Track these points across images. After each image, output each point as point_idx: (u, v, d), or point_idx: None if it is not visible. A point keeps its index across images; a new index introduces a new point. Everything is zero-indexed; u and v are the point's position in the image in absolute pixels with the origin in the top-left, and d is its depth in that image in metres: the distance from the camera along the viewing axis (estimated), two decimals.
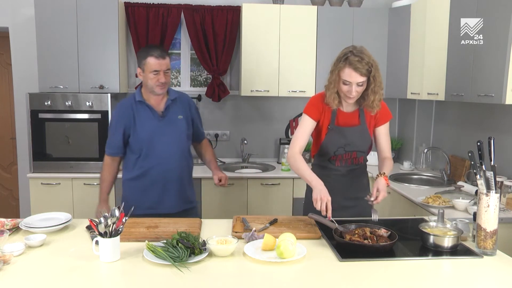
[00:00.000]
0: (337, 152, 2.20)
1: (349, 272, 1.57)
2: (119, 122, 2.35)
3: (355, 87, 2.03)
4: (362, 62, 1.98)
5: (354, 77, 2.00)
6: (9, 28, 3.84)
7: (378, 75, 2.06)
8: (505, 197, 2.54)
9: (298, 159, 2.13)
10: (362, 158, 2.27)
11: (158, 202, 2.36)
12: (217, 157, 4.04)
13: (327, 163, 2.24)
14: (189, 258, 1.60)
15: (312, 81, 3.76)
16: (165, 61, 2.28)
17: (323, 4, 3.86)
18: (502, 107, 2.86)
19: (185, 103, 2.48)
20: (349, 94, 2.05)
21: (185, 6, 3.83)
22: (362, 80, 2.02)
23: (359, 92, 2.07)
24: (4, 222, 1.90)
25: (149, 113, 2.35)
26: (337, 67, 2.05)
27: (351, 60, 1.99)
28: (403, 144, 4.12)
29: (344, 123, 2.19)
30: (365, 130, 2.20)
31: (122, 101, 2.44)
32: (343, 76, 2.02)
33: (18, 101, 3.90)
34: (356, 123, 2.19)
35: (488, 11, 2.56)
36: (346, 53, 2.03)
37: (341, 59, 2.03)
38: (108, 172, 2.42)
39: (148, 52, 2.27)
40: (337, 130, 2.18)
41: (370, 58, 2.01)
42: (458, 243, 1.77)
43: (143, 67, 2.28)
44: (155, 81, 2.27)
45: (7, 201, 4.44)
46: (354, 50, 2.02)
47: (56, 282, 1.47)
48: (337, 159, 2.22)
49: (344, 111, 2.19)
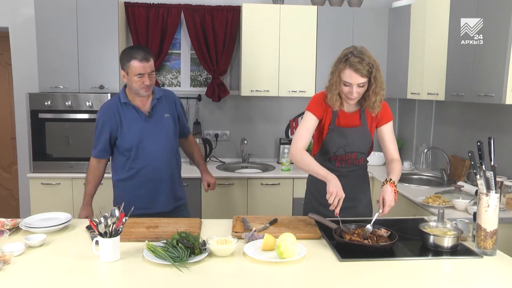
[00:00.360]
0: (337, 153, 2.19)
1: (349, 272, 1.57)
2: (104, 125, 2.32)
3: (356, 88, 2.01)
4: (363, 63, 1.96)
5: (355, 78, 1.98)
6: (9, 28, 3.84)
7: (379, 76, 2.04)
8: (505, 197, 2.54)
9: (304, 155, 2.08)
10: (363, 159, 2.26)
11: (151, 202, 2.36)
12: (217, 157, 4.06)
13: (327, 163, 2.23)
14: (189, 258, 1.60)
15: (312, 81, 3.76)
16: (149, 64, 2.23)
17: (323, 4, 3.86)
18: (502, 107, 2.86)
19: (171, 100, 2.46)
20: (350, 95, 2.04)
21: (185, 6, 3.83)
22: (363, 81, 2.00)
23: (360, 93, 2.05)
24: (4, 222, 1.90)
25: (135, 114, 2.32)
26: (337, 68, 2.03)
27: (351, 61, 1.97)
28: (403, 144, 4.12)
29: (345, 123, 2.18)
30: (366, 131, 2.19)
31: (106, 103, 2.40)
32: (343, 77, 2.01)
33: (18, 101, 3.90)
34: (357, 124, 2.18)
35: (488, 11, 2.56)
36: (346, 54, 2.01)
37: (342, 60, 2.02)
38: (93, 174, 2.41)
39: (131, 55, 2.22)
40: (337, 130, 2.17)
41: (370, 58, 1.99)
42: (458, 243, 1.77)
43: (127, 70, 2.24)
44: (139, 83, 2.23)
45: (7, 201, 4.44)
46: (354, 51, 2.00)
47: (56, 282, 1.47)
48: (337, 159, 2.21)
49: (345, 111, 2.18)
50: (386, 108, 2.21)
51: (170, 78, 4.07)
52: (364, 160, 2.28)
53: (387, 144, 2.21)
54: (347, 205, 2.20)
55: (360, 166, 2.27)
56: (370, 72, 1.99)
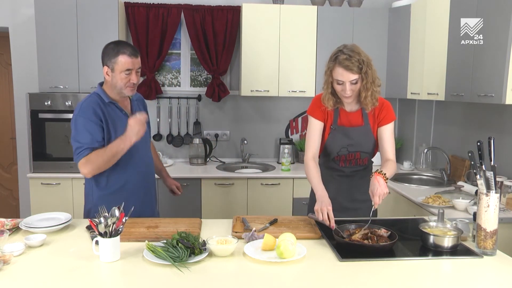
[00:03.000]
0: (340, 153, 2.19)
1: (349, 272, 1.57)
2: (92, 123, 2.04)
3: (348, 86, 2.01)
4: (352, 59, 1.97)
5: (346, 76, 1.99)
6: (9, 28, 3.84)
7: (370, 72, 2.03)
8: (505, 197, 2.54)
9: (310, 166, 2.12)
10: (367, 159, 2.25)
11: (140, 211, 2.11)
12: (217, 157, 4.06)
13: (332, 163, 2.23)
14: (189, 258, 1.60)
15: (312, 81, 3.76)
16: (138, 60, 2.09)
17: (323, 4, 3.86)
18: (502, 107, 2.86)
19: (141, 102, 2.34)
20: (344, 93, 2.04)
21: (185, 6, 3.83)
22: (355, 77, 2.00)
23: (354, 90, 2.04)
24: (4, 222, 1.90)
25: (121, 115, 2.14)
26: (328, 67, 2.05)
27: (340, 59, 1.98)
28: (403, 144, 4.12)
29: (347, 123, 2.17)
30: (369, 131, 2.18)
31: (85, 103, 2.09)
32: (335, 76, 2.02)
33: (18, 101, 3.90)
34: (359, 123, 2.18)
35: (488, 11, 2.56)
36: (336, 52, 2.03)
37: (332, 59, 2.03)
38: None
39: (118, 49, 2.05)
40: (339, 130, 2.17)
41: (360, 55, 2.00)
42: (458, 243, 1.77)
43: (113, 66, 2.05)
44: (126, 81, 2.06)
45: (7, 201, 4.44)
46: (344, 49, 2.01)
47: (56, 282, 1.47)
48: (341, 159, 2.21)
49: (346, 110, 2.18)
50: (389, 109, 2.19)
51: (170, 78, 4.07)
52: (369, 160, 2.27)
53: (384, 145, 2.19)
54: (350, 206, 2.21)
55: (365, 167, 2.26)
56: (360, 68, 1.99)
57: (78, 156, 2.04)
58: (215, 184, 3.51)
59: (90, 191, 2.18)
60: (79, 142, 2.04)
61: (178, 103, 4.05)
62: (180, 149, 4.10)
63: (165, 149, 4.05)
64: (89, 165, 2.03)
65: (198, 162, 3.89)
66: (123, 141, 2.01)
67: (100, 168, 2.06)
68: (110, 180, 2.14)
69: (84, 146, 2.03)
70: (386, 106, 2.18)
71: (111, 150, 2.02)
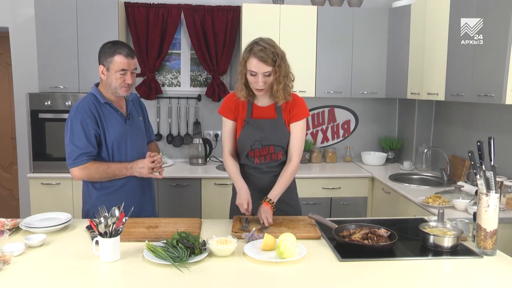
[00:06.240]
0: (253, 146, 2.15)
1: (349, 272, 1.57)
2: (88, 126, 2.07)
3: (261, 78, 2.00)
4: (267, 51, 1.97)
5: (259, 67, 1.98)
6: (9, 28, 3.84)
7: (284, 66, 2.04)
8: (505, 197, 2.54)
9: (227, 162, 2.19)
10: (281, 153, 2.19)
11: (138, 212, 2.15)
12: (217, 157, 4.06)
13: (247, 161, 2.20)
14: (189, 258, 1.60)
15: (312, 81, 3.76)
16: (134, 61, 2.10)
17: (323, 4, 3.86)
18: (502, 107, 2.86)
19: (137, 102, 2.34)
20: (256, 85, 2.03)
21: (185, 6, 3.83)
22: (268, 70, 1.99)
23: (267, 82, 2.03)
24: (4, 222, 1.90)
25: (116, 116, 2.15)
26: (243, 58, 2.04)
27: (255, 50, 1.99)
28: (403, 144, 4.12)
29: (260, 116, 2.16)
30: (282, 124, 2.15)
31: (81, 104, 2.12)
32: (249, 66, 2.01)
33: (18, 101, 3.90)
34: (272, 116, 2.16)
35: (488, 11, 2.56)
36: (251, 44, 2.04)
37: (247, 49, 2.04)
38: None
39: (115, 49, 2.06)
40: (252, 122, 2.14)
41: (275, 48, 2.01)
42: (458, 243, 1.77)
43: (108, 65, 2.07)
44: (121, 81, 2.07)
45: (7, 201, 4.45)
46: (259, 41, 2.02)
47: (56, 282, 1.47)
48: (255, 155, 2.17)
49: (259, 105, 2.16)
50: (302, 105, 2.17)
51: (170, 78, 4.07)
52: (283, 155, 2.20)
53: (292, 143, 2.16)
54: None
55: (280, 161, 2.20)
56: (274, 61, 2.00)
57: (74, 162, 2.09)
58: (215, 184, 3.51)
59: (88, 191, 2.20)
60: (74, 145, 2.07)
61: (178, 103, 4.05)
62: (180, 149, 4.10)
63: (165, 149, 4.05)
64: (85, 174, 2.11)
65: (198, 162, 3.89)
66: (127, 170, 2.13)
67: (93, 179, 2.14)
68: (108, 181, 2.15)
69: (80, 151, 2.07)
70: (299, 103, 2.16)
71: (113, 172, 2.12)
